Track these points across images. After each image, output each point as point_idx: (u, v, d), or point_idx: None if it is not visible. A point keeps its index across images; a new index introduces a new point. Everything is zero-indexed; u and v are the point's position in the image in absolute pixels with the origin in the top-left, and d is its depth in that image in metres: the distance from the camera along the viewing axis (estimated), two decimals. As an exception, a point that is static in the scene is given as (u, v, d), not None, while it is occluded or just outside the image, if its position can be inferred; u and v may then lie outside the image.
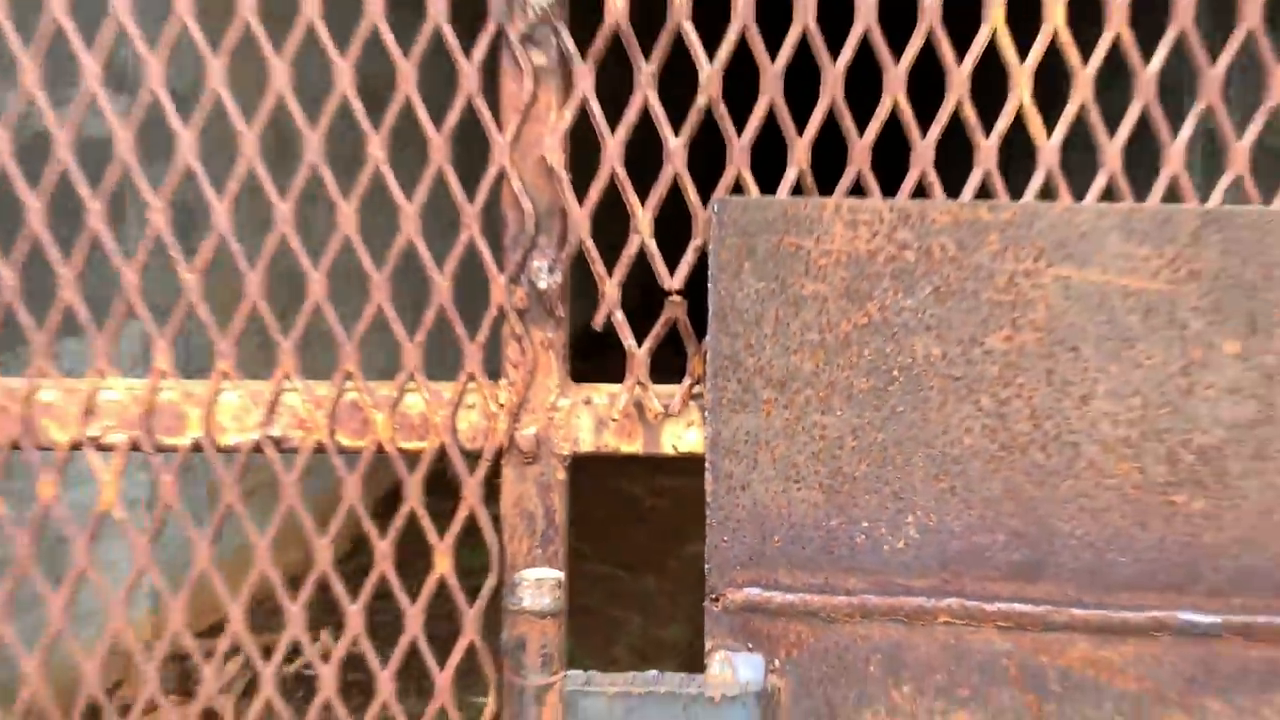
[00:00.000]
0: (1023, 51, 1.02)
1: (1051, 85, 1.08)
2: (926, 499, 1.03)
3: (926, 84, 1.08)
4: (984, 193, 1.03)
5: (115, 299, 1.07)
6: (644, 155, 1.02)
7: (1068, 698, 1.05)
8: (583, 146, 1.05)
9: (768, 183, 1.04)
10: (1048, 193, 1.03)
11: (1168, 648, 1.04)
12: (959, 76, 1.02)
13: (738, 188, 1.04)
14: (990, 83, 1.04)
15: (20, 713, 1.17)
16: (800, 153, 1.03)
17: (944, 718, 1.05)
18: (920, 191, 1.03)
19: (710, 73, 1.02)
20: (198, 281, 1.07)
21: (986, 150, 1.03)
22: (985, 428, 1.02)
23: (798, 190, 1.04)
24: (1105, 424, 1.01)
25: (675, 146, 1.04)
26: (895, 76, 1.02)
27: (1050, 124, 1.02)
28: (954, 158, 1.17)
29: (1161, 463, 1.01)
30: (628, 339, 1.07)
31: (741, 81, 1.01)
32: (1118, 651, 1.04)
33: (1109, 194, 1.03)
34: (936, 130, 1.03)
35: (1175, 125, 1.02)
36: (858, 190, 1.03)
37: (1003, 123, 1.01)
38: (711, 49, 1.03)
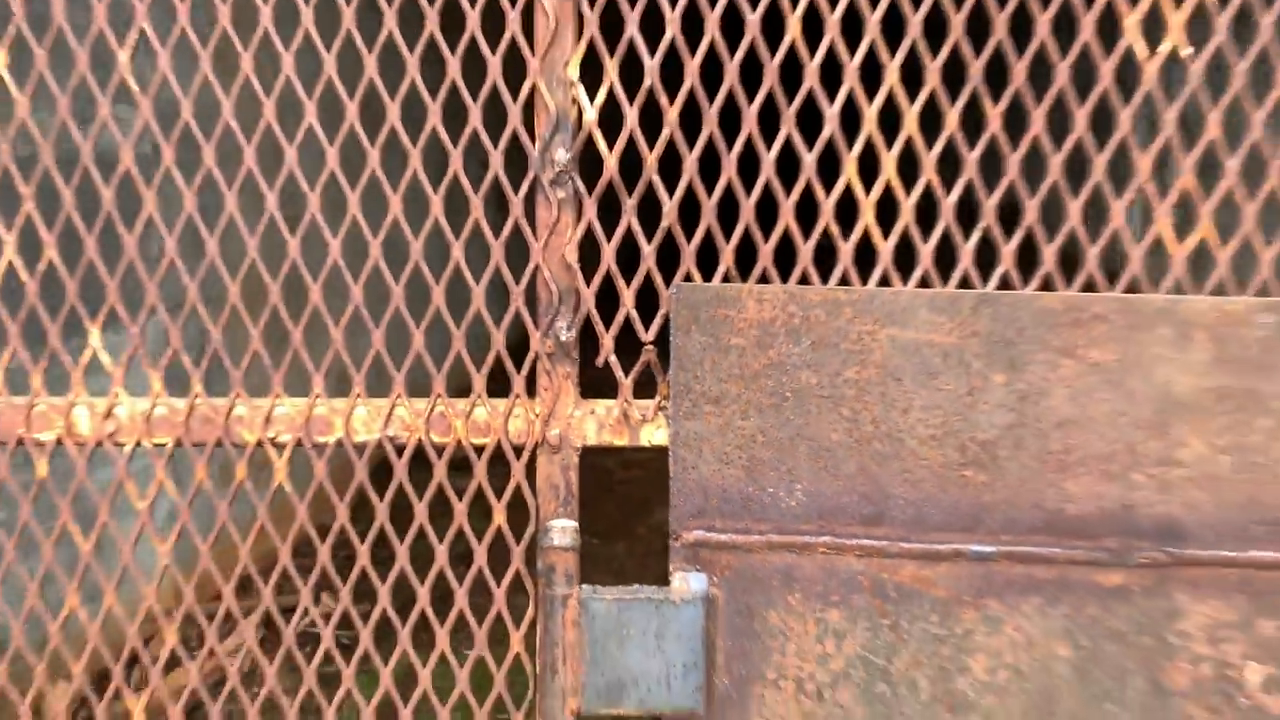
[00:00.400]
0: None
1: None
2: (808, 474, 1.61)
3: (809, 207, 1.65)
4: (844, 280, 1.61)
5: (285, 348, 1.65)
6: (629, 254, 1.59)
7: (901, 601, 1.63)
8: (590, 249, 1.63)
9: (707, 272, 1.63)
10: (886, 280, 1.61)
11: (963, 568, 1.62)
12: (827, 206, 1.60)
13: (688, 276, 1.62)
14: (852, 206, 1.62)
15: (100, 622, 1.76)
16: (727, 255, 1.61)
17: (821, 614, 1.64)
18: (804, 279, 1.61)
19: (670, 205, 1.60)
20: (343, 336, 1.65)
21: (845, 252, 1.61)
22: (845, 429, 1.60)
23: (726, 278, 1.62)
24: (920, 427, 1.59)
25: (648, 250, 1.62)
26: (787, 207, 1.60)
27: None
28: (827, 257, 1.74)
29: (956, 451, 1.60)
30: (619, 372, 1.65)
31: (690, 207, 1.58)
32: (932, 571, 1.62)
33: (923, 282, 1.61)
34: (813, 240, 1.61)
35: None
36: (764, 279, 1.61)
37: (854, 235, 1.60)
38: (671, 187, 1.60)
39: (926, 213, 1.60)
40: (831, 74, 1.54)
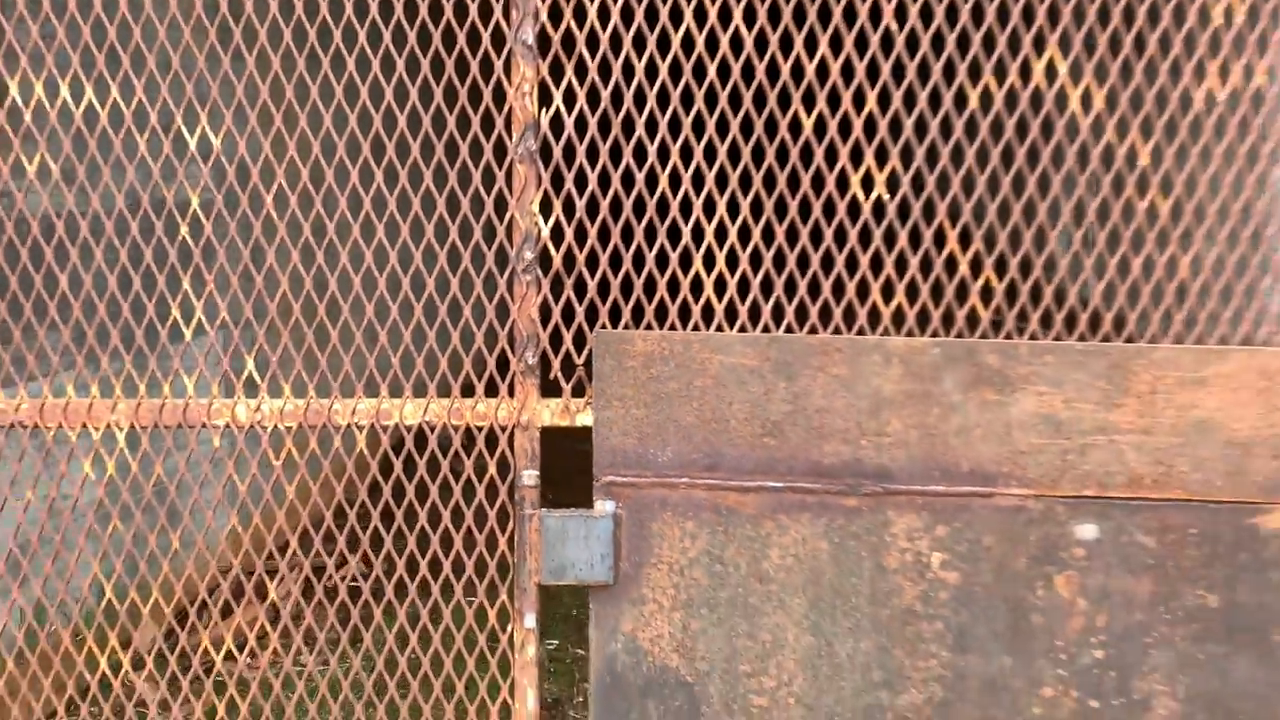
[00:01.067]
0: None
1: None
2: (674, 442, 2.72)
3: (676, 285, 2.76)
4: (696, 327, 2.73)
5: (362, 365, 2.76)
6: (569, 312, 2.71)
7: (728, 516, 2.74)
8: (546, 310, 2.75)
9: (615, 323, 2.74)
10: (720, 327, 2.73)
11: (764, 496, 2.73)
12: (685, 282, 2.73)
13: (604, 325, 2.73)
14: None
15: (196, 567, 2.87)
16: (625, 314, 2.73)
17: (682, 524, 2.75)
18: (672, 327, 2.73)
19: (592, 284, 2.72)
20: (399, 361, 2.76)
21: (695, 310, 2.73)
22: (695, 415, 2.71)
23: (626, 326, 2.73)
24: (738, 413, 2.71)
25: (580, 310, 2.74)
26: (662, 284, 2.73)
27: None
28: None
29: (759, 427, 2.71)
30: (562, 382, 2.76)
31: (605, 286, 2.69)
32: (746, 499, 2.74)
33: (741, 328, 2.73)
34: (677, 304, 2.73)
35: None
36: (649, 327, 2.73)
37: (700, 301, 2.72)
38: (593, 273, 2.72)
39: (744, 288, 2.73)
40: (688, 209, 2.67)
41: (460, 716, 2.81)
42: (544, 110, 2.64)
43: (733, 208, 2.67)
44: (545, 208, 2.68)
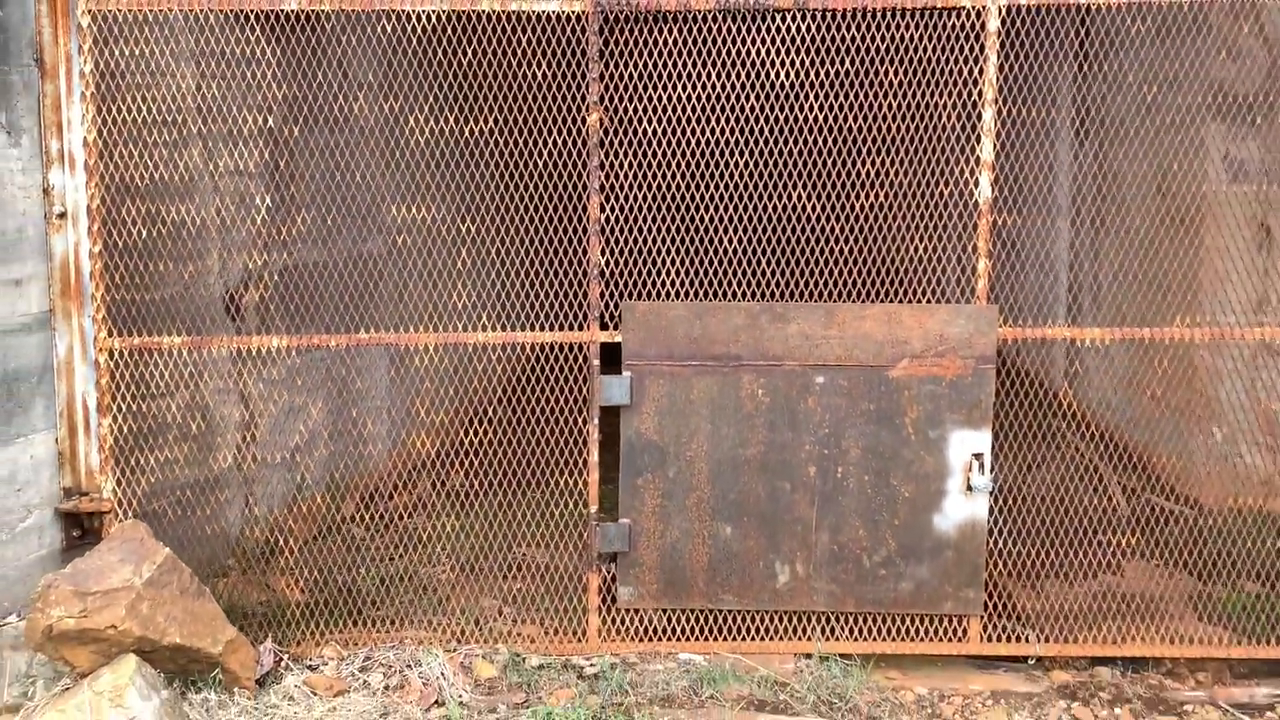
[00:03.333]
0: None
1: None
2: (655, 346, 6.60)
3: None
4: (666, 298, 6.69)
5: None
6: (613, 294, 6.66)
7: (675, 377, 6.61)
8: (603, 293, 6.72)
9: (633, 298, 6.69)
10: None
11: (690, 368, 6.63)
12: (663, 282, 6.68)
13: (627, 299, 6.68)
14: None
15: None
16: (637, 294, 6.69)
17: (659, 380, 6.66)
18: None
19: (620, 283, 6.67)
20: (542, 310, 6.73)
21: (662, 293, 6.68)
22: (663, 335, 6.64)
23: (634, 299, 6.68)
24: (679, 334, 6.61)
25: (618, 295, 6.70)
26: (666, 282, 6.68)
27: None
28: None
29: (688, 341, 6.60)
30: (610, 325, 6.72)
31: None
32: (683, 370, 6.62)
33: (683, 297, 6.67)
34: (660, 289, 6.68)
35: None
36: (643, 299, 6.68)
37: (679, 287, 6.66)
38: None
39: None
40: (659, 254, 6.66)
41: (562, 467, 6.74)
42: (603, 247, 6.62)
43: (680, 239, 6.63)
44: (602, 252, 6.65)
